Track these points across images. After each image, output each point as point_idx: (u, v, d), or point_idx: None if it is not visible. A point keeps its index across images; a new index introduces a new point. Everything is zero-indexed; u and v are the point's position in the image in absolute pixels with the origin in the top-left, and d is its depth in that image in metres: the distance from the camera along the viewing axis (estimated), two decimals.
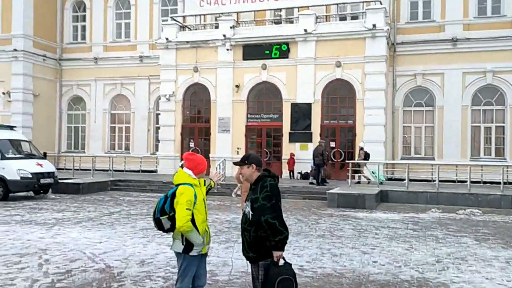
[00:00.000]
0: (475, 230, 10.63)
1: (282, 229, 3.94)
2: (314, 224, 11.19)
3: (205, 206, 4.36)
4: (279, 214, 3.98)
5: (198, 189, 4.28)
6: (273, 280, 3.91)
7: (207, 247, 4.38)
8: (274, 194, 4.03)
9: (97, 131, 26.58)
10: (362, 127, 20.36)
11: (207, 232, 4.34)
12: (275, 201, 4.01)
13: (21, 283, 6.05)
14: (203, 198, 4.34)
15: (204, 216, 4.30)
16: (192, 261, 4.26)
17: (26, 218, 11.62)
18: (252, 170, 4.19)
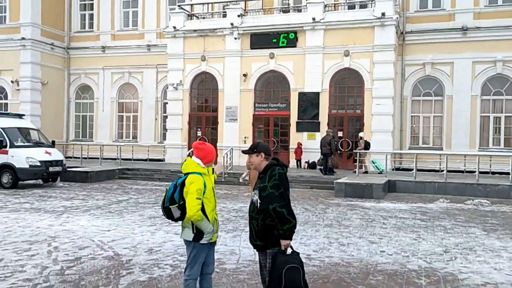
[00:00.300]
0: (484, 221, 10.58)
1: (290, 218, 3.94)
2: (322, 214, 11.19)
3: (214, 194, 4.37)
4: (287, 202, 3.98)
5: (207, 178, 4.28)
6: (280, 268, 3.92)
7: (216, 235, 4.39)
8: (283, 183, 4.02)
9: (105, 119, 26.68)
10: (370, 116, 20.26)
11: (216, 221, 4.35)
12: (283, 189, 4.00)
13: (31, 270, 6.12)
14: (212, 186, 4.34)
15: (213, 205, 4.32)
16: (202, 249, 4.27)
17: (35, 206, 11.72)
18: (261, 158, 4.19)
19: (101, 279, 5.75)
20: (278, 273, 3.91)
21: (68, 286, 5.47)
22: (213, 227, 4.26)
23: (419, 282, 5.86)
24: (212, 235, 4.28)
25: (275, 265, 3.96)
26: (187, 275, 4.29)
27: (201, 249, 4.27)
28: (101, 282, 5.62)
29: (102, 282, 5.64)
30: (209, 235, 4.24)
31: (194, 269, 4.27)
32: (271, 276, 3.98)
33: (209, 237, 4.25)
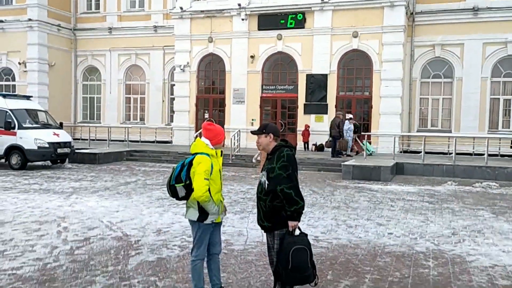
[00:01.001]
0: (492, 203, 10.52)
1: (298, 199, 3.94)
2: (329, 196, 11.18)
3: (221, 177, 4.36)
4: (295, 184, 3.97)
5: (215, 159, 4.26)
6: (288, 249, 3.93)
7: (222, 216, 4.40)
8: (291, 164, 4.01)
9: (112, 101, 26.68)
10: (379, 98, 20.10)
11: (221, 202, 4.36)
12: (291, 171, 3.99)
13: (41, 249, 6.18)
14: (219, 168, 4.33)
15: (219, 187, 4.31)
16: (207, 229, 4.29)
17: (44, 187, 11.81)
18: (269, 139, 4.18)
19: (110, 259, 5.80)
20: (286, 254, 3.92)
21: (78, 265, 5.53)
22: (218, 208, 4.26)
23: (426, 264, 5.86)
24: (217, 216, 4.29)
25: (282, 246, 3.97)
26: (194, 255, 4.31)
27: (206, 229, 4.28)
28: (110, 262, 5.67)
29: (111, 262, 5.69)
30: (213, 216, 4.24)
31: (200, 250, 4.29)
32: (279, 257, 4.00)
33: (213, 217, 4.25)
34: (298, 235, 4.07)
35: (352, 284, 5.07)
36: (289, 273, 3.94)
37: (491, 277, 5.42)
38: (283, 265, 3.95)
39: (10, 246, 6.30)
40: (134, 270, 5.40)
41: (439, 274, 5.49)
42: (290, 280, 4.01)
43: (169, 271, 5.38)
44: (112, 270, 5.37)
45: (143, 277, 5.17)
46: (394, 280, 5.24)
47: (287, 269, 3.93)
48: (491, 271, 5.64)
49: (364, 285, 5.04)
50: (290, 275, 3.95)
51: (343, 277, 5.30)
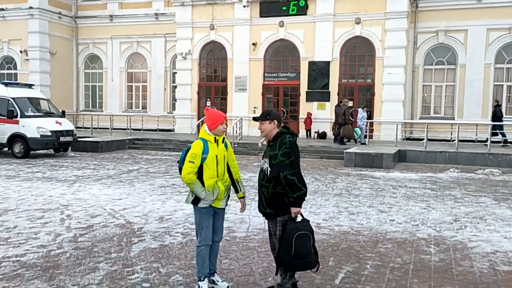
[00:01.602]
0: (494, 190, 10.52)
1: (301, 186, 3.95)
2: (331, 183, 11.20)
3: (218, 163, 4.32)
4: (298, 170, 3.99)
5: (212, 145, 4.29)
6: (291, 235, 3.94)
7: (222, 203, 4.38)
8: (293, 151, 4.03)
9: (114, 90, 26.65)
10: (381, 86, 20.03)
11: (219, 188, 4.31)
12: (294, 157, 4.01)
13: (44, 237, 6.22)
14: (217, 155, 4.30)
15: (213, 173, 4.29)
16: (204, 214, 4.32)
17: (47, 175, 11.86)
18: (273, 126, 4.20)
19: (113, 246, 5.83)
20: (289, 240, 3.94)
21: (81, 252, 5.57)
22: (214, 193, 4.28)
23: (428, 250, 5.88)
24: (213, 201, 4.29)
25: (285, 232, 3.98)
26: (199, 241, 4.35)
27: (203, 214, 4.33)
28: (113, 249, 5.71)
29: (115, 249, 5.73)
30: (206, 201, 4.27)
31: (203, 235, 4.32)
32: (281, 243, 4.01)
33: (207, 202, 4.28)
34: (301, 221, 4.09)
35: (354, 270, 5.10)
36: (292, 259, 3.96)
37: (493, 263, 5.44)
38: (286, 251, 3.96)
39: (14, 234, 6.35)
40: (137, 257, 5.44)
41: (441, 260, 5.51)
42: (293, 266, 4.03)
43: (171, 258, 5.42)
44: (115, 257, 5.40)
45: (146, 263, 5.20)
46: (396, 266, 5.27)
47: (289, 255, 3.95)
48: (493, 257, 5.66)
49: (366, 271, 5.07)
50: (293, 261, 3.97)
51: (345, 263, 5.33)
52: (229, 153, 4.49)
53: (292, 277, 4.17)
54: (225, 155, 4.41)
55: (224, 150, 4.41)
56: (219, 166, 4.34)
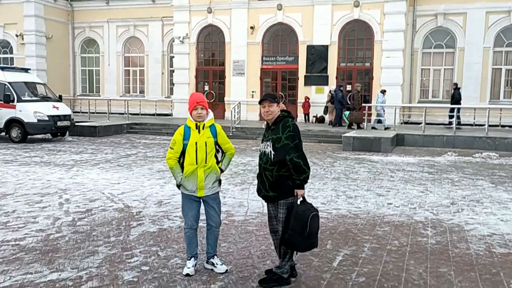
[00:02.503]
0: (491, 173, 10.57)
1: (306, 168, 4.02)
2: (329, 167, 11.22)
3: (198, 150, 4.28)
4: (302, 153, 4.05)
5: (194, 132, 4.31)
6: (306, 216, 3.98)
7: (206, 191, 4.35)
8: (297, 134, 4.07)
9: (111, 74, 26.49)
10: (380, 69, 19.95)
11: (197, 176, 4.30)
12: (298, 140, 4.06)
13: (43, 221, 6.24)
14: (196, 142, 4.29)
15: (192, 159, 4.29)
16: (185, 199, 4.45)
17: (45, 160, 11.85)
18: (279, 109, 4.18)
19: (112, 230, 5.86)
20: (303, 221, 3.96)
21: (80, 236, 5.59)
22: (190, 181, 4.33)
23: (425, 233, 5.92)
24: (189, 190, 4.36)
25: (297, 214, 3.99)
26: (184, 224, 4.57)
27: (184, 199, 4.47)
28: (112, 233, 5.73)
29: (113, 233, 5.75)
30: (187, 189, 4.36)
31: (186, 219, 4.51)
32: (291, 224, 3.99)
33: (187, 190, 4.37)
34: (307, 202, 4.13)
35: (351, 253, 5.14)
36: (305, 239, 4.00)
37: (489, 245, 5.48)
38: (299, 232, 3.97)
39: (12, 218, 6.36)
40: (136, 240, 5.47)
41: (437, 242, 5.56)
42: (306, 246, 4.08)
43: (170, 241, 5.45)
44: (114, 241, 5.43)
45: (145, 247, 5.23)
46: (393, 248, 5.31)
47: (303, 235, 3.97)
48: (489, 240, 5.70)
49: (363, 254, 5.11)
50: (306, 241, 4.02)
51: (343, 246, 5.36)
52: (220, 137, 4.43)
53: (290, 259, 4.20)
54: (208, 142, 4.32)
55: (208, 137, 4.34)
56: (199, 153, 4.29)
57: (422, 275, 4.51)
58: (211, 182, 4.38)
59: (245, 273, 4.49)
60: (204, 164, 4.32)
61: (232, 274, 4.45)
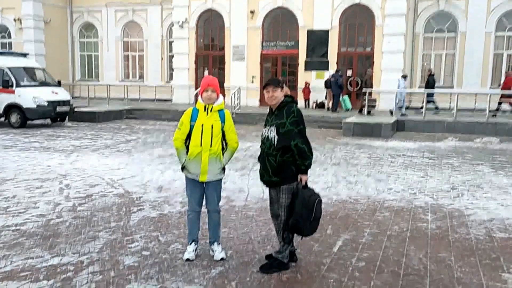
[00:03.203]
0: (492, 159, 10.56)
1: (310, 154, 4.05)
2: (330, 153, 11.21)
3: (204, 132, 4.25)
4: (307, 139, 4.06)
5: (202, 114, 4.29)
6: (312, 201, 4.02)
7: (209, 176, 4.32)
8: (301, 120, 4.07)
9: (110, 59, 26.33)
10: (380, 54, 19.82)
11: (201, 160, 4.27)
12: (302, 126, 4.06)
13: (44, 206, 6.24)
14: (203, 124, 4.26)
15: (197, 142, 4.26)
16: (188, 183, 4.46)
17: (45, 145, 11.83)
18: (282, 94, 4.18)
19: (113, 216, 5.86)
20: (310, 206, 4.00)
21: (81, 221, 5.59)
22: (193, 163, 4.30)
23: (425, 218, 5.93)
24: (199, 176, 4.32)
25: (304, 199, 4.00)
26: (187, 208, 4.59)
27: (188, 183, 4.48)
28: (112, 218, 5.74)
29: (114, 218, 5.76)
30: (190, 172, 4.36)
31: (189, 203, 4.52)
32: (297, 209, 3.99)
33: (190, 174, 4.37)
34: (310, 188, 4.16)
35: (351, 238, 5.14)
36: (311, 223, 4.04)
37: (489, 230, 5.49)
38: (306, 217, 3.99)
39: (13, 203, 6.36)
40: (137, 225, 5.47)
41: (437, 227, 5.56)
42: (311, 230, 4.12)
43: (170, 227, 5.45)
44: (114, 226, 5.44)
45: (146, 232, 5.24)
46: (393, 233, 5.31)
47: (309, 219, 4.01)
48: (489, 225, 5.71)
49: (363, 239, 5.12)
50: (312, 225, 4.06)
51: (343, 231, 5.37)
52: (226, 124, 4.37)
53: (290, 244, 4.21)
54: (215, 125, 4.28)
55: (215, 120, 4.30)
56: (204, 136, 4.25)
57: (422, 260, 4.52)
58: (215, 168, 4.34)
59: (245, 259, 4.50)
60: (210, 148, 4.27)
61: (233, 259, 4.46)
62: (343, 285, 3.92)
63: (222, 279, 4.03)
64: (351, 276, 4.11)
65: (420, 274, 4.18)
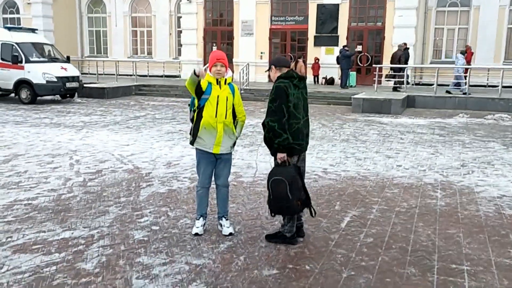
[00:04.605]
0: (503, 135, 10.45)
1: (281, 132, 3.98)
2: (338, 129, 11.15)
3: (219, 103, 4.28)
4: (280, 117, 3.99)
5: (215, 87, 4.32)
6: (268, 179, 4.12)
7: (222, 148, 4.35)
8: (278, 97, 4.02)
9: (118, 35, 26.15)
10: (392, 29, 19.48)
11: (217, 131, 4.30)
12: (278, 103, 4.01)
13: (55, 181, 6.31)
14: (218, 95, 4.29)
15: (212, 112, 4.28)
16: (200, 156, 4.42)
17: (55, 121, 11.90)
18: (274, 72, 4.27)
19: (122, 191, 5.91)
20: (267, 183, 4.14)
21: (91, 196, 5.65)
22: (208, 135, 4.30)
23: (434, 195, 5.91)
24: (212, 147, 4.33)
25: (268, 177, 4.15)
26: (197, 183, 4.58)
27: (200, 156, 4.44)
28: (122, 194, 5.79)
29: (124, 193, 5.81)
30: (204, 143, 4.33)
31: (200, 177, 4.50)
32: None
33: (204, 146, 4.34)
34: (284, 166, 4.11)
35: (360, 214, 5.15)
36: (271, 201, 4.13)
37: (499, 207, 5.46)
38: (268, 195, 4.15)
39: (24, 178, 6.44)
40: (146, 201, 5.52)
41: (446, 204, 5.55)
42: (273, 209, 4.18)
43: (179, 202, 5.49)
44: (124, 201, 5.49)
45: (155, 207, 5.29)
46: (401, 210, 5.31)
47: (270, 197, 4.13)
48: (499, 201, 5.68)
49: (372, 215, 5.12)
50: (272, 203, 4.14)
51: (351, 208, 5.38)
52: (236, 97, 4.43)
53: (291, 220, 4.24)
54: (228, 97, 4.34)
55: (228, 93, 4.36)
56: (220, 106, 4.30)
57: (430, 237, 4.52)
58: (228, 141, 4.39)
59: (253, 234, 4.54)
60: (224, 120, 4.32)
61: (241, 235, 4.50)
62: (351, 261, 3.94)
63: (231, 253, 4.07)
64: (359, 252, 4.13)
65: (428, 250, 4.19)
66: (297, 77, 4.17)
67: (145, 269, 3.73)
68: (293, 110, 4.04)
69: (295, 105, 4.06)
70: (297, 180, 4.08)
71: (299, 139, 4.10)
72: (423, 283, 3.56)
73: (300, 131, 4.10)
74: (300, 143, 4.12)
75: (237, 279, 3.58)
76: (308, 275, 3.67)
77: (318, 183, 6.42)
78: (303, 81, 4.24)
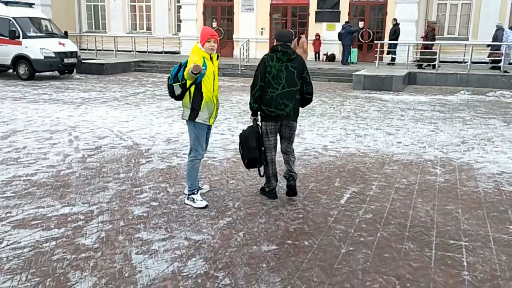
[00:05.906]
0: (504, 112, 10.40)
1: (251, 97, 4.61)
2: (339, 106, 11.09)
3: (215, 79, 4.51)
4: (254, 85, 4.55)
5: (209, 62, 4.43)
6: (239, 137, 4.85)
7: (213, 120, 4.63)
8: (258, 67, 4.56)
9: (117, 10, 25.74)
10: (394, 4, 19.19)
11: (214, 105, 4.56)
12: (256, 73, 4.56)
13: (53, 157, 6.30)
14: (214, 70, 4.49)
15: (210, 88, 4.46)
16: (200, 130, 4.53)
17: (54, 97, 11.83)
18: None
19: (122, 167, 5.91)
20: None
21: (90, 172, 5.65)
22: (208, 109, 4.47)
23: (434, 172, 5.90)
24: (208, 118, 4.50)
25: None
26: (195, 156, 4.61)
27: (199, 129, 4.53)
28: (121, 170, 5.78)
29: (123, 169, 5.80)
30: (204, 117, 4.45)
31: (199, 150, 4.59)
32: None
33: (203, 119, 4.46)
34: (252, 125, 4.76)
35: (359, 191, 5.15)
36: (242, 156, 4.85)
37: (498, 183, 5.46)
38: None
39: (23, 154, 6.43)
40: (145, 177, 5.52)
41: (446, 180, 5.54)
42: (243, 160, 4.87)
43: (179, 178, 5.49)
44: (123, 177, 5.48)
45: (154, 183, 5.28)
46: (401, 186, 5.31)
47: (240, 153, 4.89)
48: (498, 178, 5.67)
49: (371, 192, 5.12)
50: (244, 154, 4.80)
51: (351, 184, 5.38)
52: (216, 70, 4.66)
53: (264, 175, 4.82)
54: (216, 72, 4.56)
55: (217, 67, 4.58)
56: (216, 82, 4.52)
57: (429, 213, 4.53)
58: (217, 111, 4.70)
59: (253, 210, 4.54)
60: (217, 94, 4.61)
61: (240, 210, 4.51)
62: (350, 236, 3.95)
63: (230, 229, 4.08)
64: (357, 228, 4.14)
65: (426, 226, 4.20)
66: (281, 51, 4.51)
67: (144, 244, 3.74)
68: (271, 80, 4.50)
69: (274, 76, 4.49)
70: (250, 140, 4.62)
71: (272, 107, 4.52)
72: (421, 258, 3.58)
73: (274, 99, 4.50)
74: (273, 110, 4.52)
75: (236, 254, 3.59)
76: (307, 250, 3.68)
77: (318, 159, 6.40)
78: (294, 56, 4.56)
